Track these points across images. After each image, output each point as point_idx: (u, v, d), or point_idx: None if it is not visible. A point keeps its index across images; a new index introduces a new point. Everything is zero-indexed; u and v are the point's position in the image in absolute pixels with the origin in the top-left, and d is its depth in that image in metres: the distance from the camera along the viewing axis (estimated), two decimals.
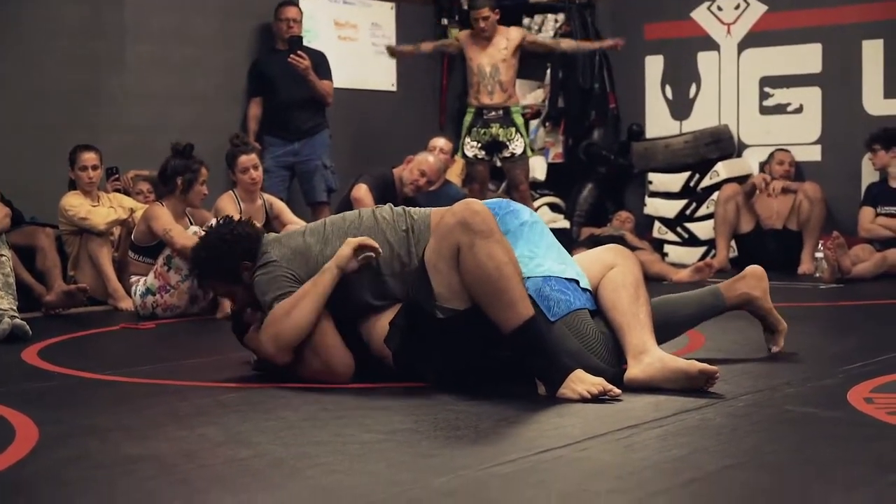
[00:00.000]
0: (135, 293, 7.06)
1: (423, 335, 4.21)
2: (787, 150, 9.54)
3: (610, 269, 4.40)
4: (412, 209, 4.57)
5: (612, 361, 4.22)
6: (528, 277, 4.25)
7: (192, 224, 7.17)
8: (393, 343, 4.30)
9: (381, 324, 4.37)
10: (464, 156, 9.48)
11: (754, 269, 4.81)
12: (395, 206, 4.63)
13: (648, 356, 4.11)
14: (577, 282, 4.35)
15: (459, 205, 4.13)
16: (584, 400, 3.86)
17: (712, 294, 4.74)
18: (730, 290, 4.74)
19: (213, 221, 6.89)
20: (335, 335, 4.37)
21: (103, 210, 7.52)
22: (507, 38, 9.21)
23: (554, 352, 4.02)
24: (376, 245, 4.34)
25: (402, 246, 4.41)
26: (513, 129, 9.23)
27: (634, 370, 4.11)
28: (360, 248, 4.33)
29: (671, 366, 4.05)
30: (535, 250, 4.39)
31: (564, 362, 4.00)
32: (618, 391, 3.91)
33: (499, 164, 9.50)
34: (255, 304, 4.50)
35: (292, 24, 9.07)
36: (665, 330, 4.55)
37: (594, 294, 4.38)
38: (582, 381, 3.92)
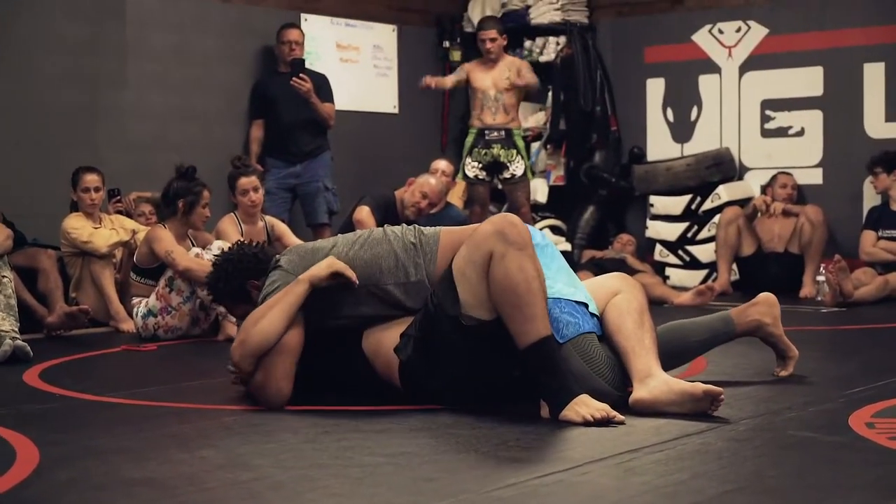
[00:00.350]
0: (136, 315, 7.06)
1: (435, 347, 4.21)
2: (789, 174, 9.55)
3: (615, 295, 4.41)
4: (422, 227, 4.61)
5: (617, 385, 4.23)
6: None
7: (193, 246, 7.17)
8: (403, 353, 4.30)
9: (390, 336, 4.37)
10: (465, 176, 9.49)
11: (767, 297, 4.82)
12: None
13: (654, 379, 4.11)
14: (585, 305, 4.37)
15: (498, 216, 4.17)
16: (587, 424, 3.86)
17: (723, 320, 4.75)
18: (741, 317, 4.75)
19: (216, 244, 6.95)
20: (289, 361, 4.33)
21: (105, 232, 7.52)
22: (509, 69, 9.25)
23: (563, 374, 4.02)
24: (353, 276, 4.36)
25: (409, 257, 4.43)
26: (514, 151, 9.25)
27: (640, 392, 4.11)
28: (336, 275, 4.35)
29: (676, 388, 4.05)
30: (546, 272, 4.39)
31: (572, 385, 4.00)
32: (621, 417, 3.91)
33: (500, 186, 9.52)
34: None
35: (294, 46, 9.09)
36: (675, 356, 4.60)
37: (600, 319, 4.39)
38: (587, 406, 3.92)
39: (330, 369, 4.54)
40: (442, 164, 9.11)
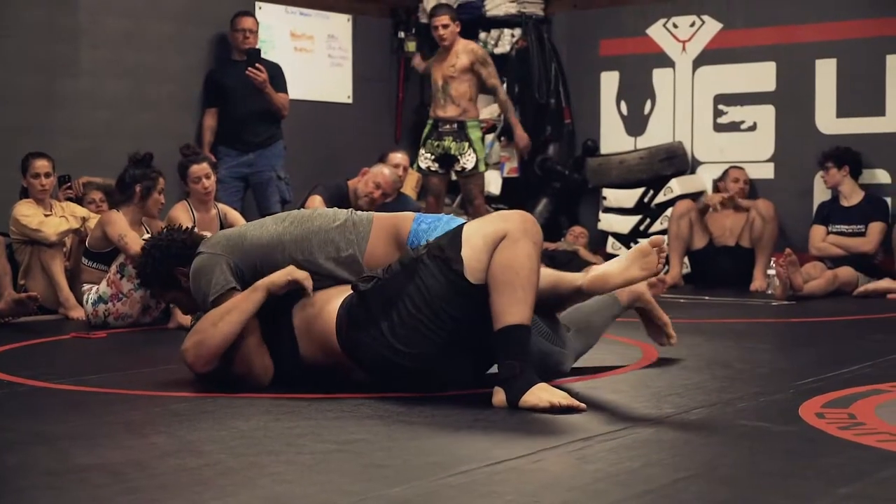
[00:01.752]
0: (87, 301, 7.01)
1: (397, 294, 4.15)
2: (741, 168, 9.62)
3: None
4: (356, 210, 4.70)
5: (559, 343, 4.32)
6: None
7: (147, 233, 7.13)
8: (364, 284, 4.23)
9: (327, 306, 4.36)
10: (418, 168, 9.48)
11: None
12: None
13: (594, 268, 4.26)
14: None
15: (517, 213, 4.17)
16: (551, 409, 3.85)
17: (612, 297, 4.86)
18: (622, 294, 4.87)
19: None
20: (258, 339, 4.40)
21: (55, 220, 7.46)
22: (458, 56, 9.22)
23: (530, 363, 4.01)
24: (310, 286, 4.40)
25: (340, 233, 4.50)
26: (465, 144, 9.23)
27: (591, 273, 4.26)
28: (293, 283, 4.39)
29: (623, 255, 4.23)
30: None
31: (535, 374, 3.99)
32: (583, 406, 3.90)
33: (454, 177, 9.51)
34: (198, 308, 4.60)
35: (248, 34, 9.05)
36: (587, 334, 4.80)
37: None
38: (549, 392, 3.92)
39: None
40: (398, 157, 9.07)
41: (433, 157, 9.33)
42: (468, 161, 9.26)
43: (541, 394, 3.91)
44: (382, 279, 4.21)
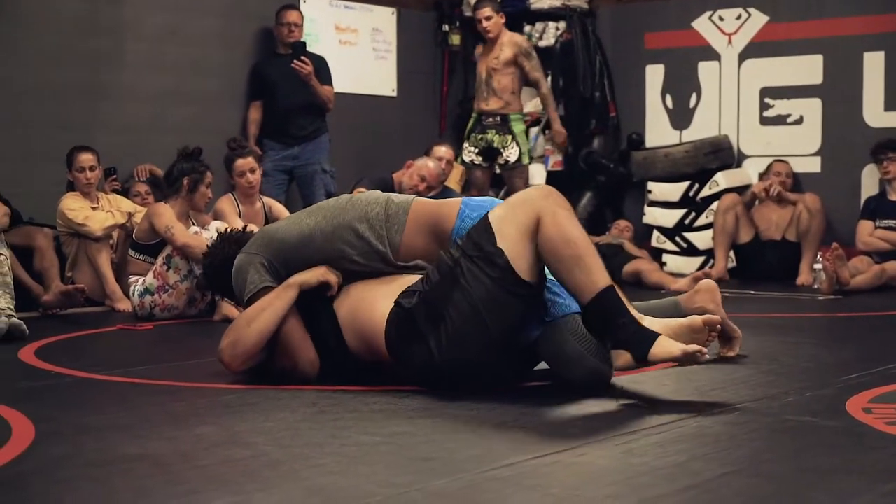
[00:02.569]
0: (133, 293, 7.05)
1: (445, 300, 4.10)
2: (784, 161, 9.56)
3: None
4: (393, 196, 4.60)
5: (606, 361, 4.20)
6: None
7: (193, 226, 7.16)
8: (407, 301, 4.18)
9: (370, 299, 4.33)
10: (462, 161, 9.49)
11: (707, 283, 5.00)
12: None
13: (647, 320, 4.11)
14: None
15: (536, 186, 4.19)
16: (683, 356, 3.87)
17: (674, 306, 4.85)
18: (688, 303, 4.88)
19: (214, 224, 6.95)
20: (301, 333, 4.41)
21: (101, 215, 7.50)
22: (503, 48, 9.22)
23: (634, 319, 4.00)
24: (335, 285, 4.42)
25: (372, 228, 4.43)
26: (509, 137, 9.23)
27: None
28: (325, 284, 4.40)
29: (673, 324, 4.07)
30: None
31: (648, 328, 3.98)
32: (706, 350, 3.94)
33: (498, 170, 9.50)
34: None
35: (293, 28, 9.07)
36: None
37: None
38: (672, 342, 3.92)
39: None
40: (442, 150, 9.07)
41: (477, 150, 9.33)
42: (511, 154, 9.25)
43: (667, 344, 3.91)
44: (424, 292, 4.15)
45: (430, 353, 4.13)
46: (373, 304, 4.31)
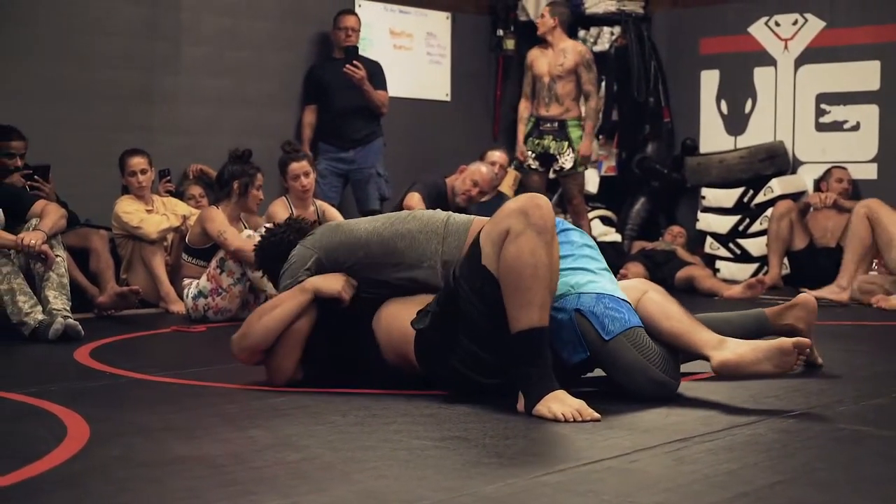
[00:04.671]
0: (187, 296, 7.10)
1: (452, 317, 4.10)
2: (844, 168, 9.48)
3: (644, 293, 4.35)
4: (455, 214, 4.58)
5: (673, 375, 4.18)
6: (582, 293, 4.20)
7: (246, 228, 7.20)
8: (420, 323, 4.20)
9: (404, 312, 4.32)
10: (517, 165, 9.49)
11: (807, 301, 4.74)
12: None
13: (732, 342, 4.06)
14: (629, 303, 4.29)
15: (525, 195, 4.02)
16: (556, 421, 3.74)
17: (757, 321, 4.71)
18: (776, 318, 4.71)
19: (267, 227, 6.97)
20: (297, 343, 4.39)
21: (156, 218, 7.56)
22: (566, 55, 9.21)
23: (547, 368, 3.87)
24: (347, 299, 4.38)
25: (428, 243, 4.40)
26: (565, 143, 9.22)
27: (724, 354, 4.04)
28: (339, 299, 4.38)
29: (762, 346, 4.00)
30: (590, 273, 4.32)
31: (551, 381, 3.86)
32: (597, 416, 3.76)
33: (553, 175, 9.49)
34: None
35: (350, 32, 9.11)
36: None
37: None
38: (561, 402, 3.79)
39: (343, 354, 4.51)
40: (496, 155, 9.09)
41: (533, 154, 9.33)
42: (567, 161, 9.24)
43: (551, 405, 3.79)
44: (433, 312, 4.16)
45: (456, 371, 4.15)
46: (403, 322, 4.29)
